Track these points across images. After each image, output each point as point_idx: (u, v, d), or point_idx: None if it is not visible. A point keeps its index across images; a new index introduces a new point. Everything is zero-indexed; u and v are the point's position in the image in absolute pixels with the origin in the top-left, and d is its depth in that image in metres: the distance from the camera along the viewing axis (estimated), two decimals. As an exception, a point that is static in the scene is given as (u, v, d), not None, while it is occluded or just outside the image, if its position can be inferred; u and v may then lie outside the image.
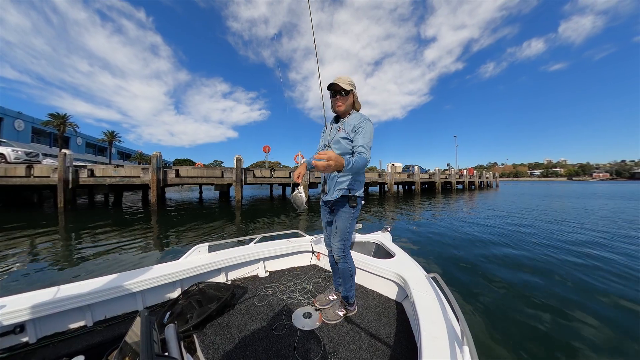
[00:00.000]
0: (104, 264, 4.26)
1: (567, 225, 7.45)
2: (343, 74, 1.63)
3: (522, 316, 2.56)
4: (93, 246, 5.40)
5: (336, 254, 1.70)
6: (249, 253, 2.31)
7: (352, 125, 1.58)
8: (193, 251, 2.15)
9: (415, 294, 1.52)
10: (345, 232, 1.64)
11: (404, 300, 1.87)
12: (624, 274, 3.64)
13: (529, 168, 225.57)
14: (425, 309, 1.35)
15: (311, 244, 2.64)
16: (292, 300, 1.92)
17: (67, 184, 11.28)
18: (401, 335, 1.52)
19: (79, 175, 11.72)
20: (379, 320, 1.67)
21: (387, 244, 2.45)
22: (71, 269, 4.09)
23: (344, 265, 1.70)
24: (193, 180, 13.43)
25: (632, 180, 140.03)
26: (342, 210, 1.64)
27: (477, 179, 41.16)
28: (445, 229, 7.01)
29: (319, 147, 1.86)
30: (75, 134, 33.28)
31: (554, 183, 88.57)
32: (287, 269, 2.53)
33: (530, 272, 3.70)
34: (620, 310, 2.69)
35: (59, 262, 4.43)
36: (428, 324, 1.22)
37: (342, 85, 1.56)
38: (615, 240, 5.62)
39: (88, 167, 12.01)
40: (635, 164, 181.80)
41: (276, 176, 15.42)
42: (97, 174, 12.01)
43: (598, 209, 11.34)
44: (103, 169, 12.16)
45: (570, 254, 4.58)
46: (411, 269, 1.90)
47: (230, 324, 1.61)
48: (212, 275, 2.15)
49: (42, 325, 1.44)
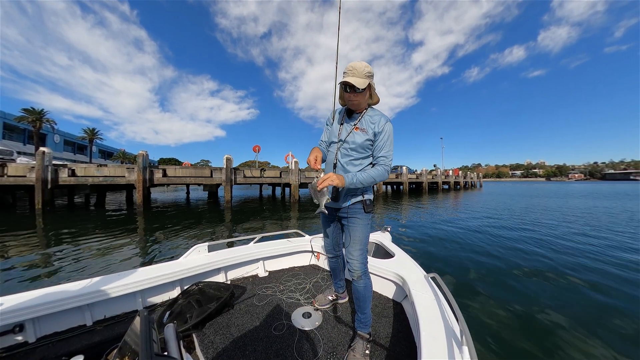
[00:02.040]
0: (91, 269, 4.12)
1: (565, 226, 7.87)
2: (357, 62, 1.32)
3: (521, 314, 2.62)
4: (77, 250, 5.21)
5: (356, 270, 1.43)
6: (248, 253, 2.31)
7: (372, 126, 1.39)
8: (192, 251, 2.14)
9: (414, 294, 1.52)
10: (365, 242, 1.46)
11: (403, 300, 1.87)
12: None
13: (511, 169, 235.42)
14: (424, 309, 1.36)
15: (311, 243, 2.63)
16: (292, 300, 1.92)
17: (45, 184, 10.76)
18: (401, 335, 1.52)
19: (59, 174, 11.21)
20: (379, 320, 1.67)
21: (387, 244, 2.45)
22: (55, 276, 3.93)
23: (366, 283, 1.46)
24: (181, 180, 13.12)
25: (603, 180, 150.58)
26: (358, 218, 1.45)
27: (462, 180, 42.64)
28: (434, 229, 7.25)
29: (322, 143, 1.65)
30: (52, 131, 31.59)
31: (534, 183, 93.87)
32: (287, 269, 2.52)
33: (525, 275, 3.78)
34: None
35: (40, 267, 4.24)
36: (427, 324, 1.23)
37: (355, 84, 1.29)
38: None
39: (69, 166, 11.50)
40: (605, 165, 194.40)
41: (266, 176, 15.33)
42: (78, 174, 11.52)
43: (589, 210, 12.02)
44: (85, 168, 11.67)
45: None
46: (411, 269, 1.90)
47: (230, 324, 1.61)
48: (212, 275, 2.15)
49: (41, 325, 1.43)
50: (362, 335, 1.42)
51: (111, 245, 5.52)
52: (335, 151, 1.48)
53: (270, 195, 23.51)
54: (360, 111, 1.46)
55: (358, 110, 1.46)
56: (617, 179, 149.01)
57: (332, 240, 1.69)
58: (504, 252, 4.82)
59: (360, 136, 1.40)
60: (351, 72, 1.32)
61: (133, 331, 0.67)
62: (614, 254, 4.66)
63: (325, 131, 1.65)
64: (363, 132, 1.40)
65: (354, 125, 1.43)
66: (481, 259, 4.43)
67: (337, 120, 1.55)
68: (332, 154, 1.50)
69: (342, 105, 1.58)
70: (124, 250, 5.16)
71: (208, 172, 13.50)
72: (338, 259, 1.79)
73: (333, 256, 1.76)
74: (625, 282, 3.38)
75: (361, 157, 1.43)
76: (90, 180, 11.61)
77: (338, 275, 1.86)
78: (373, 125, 1.39)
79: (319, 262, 2.63)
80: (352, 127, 1.44)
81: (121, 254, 4.85)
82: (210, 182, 13.69)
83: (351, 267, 1.46)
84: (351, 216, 1.46)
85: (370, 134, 1.39)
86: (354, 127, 1.43)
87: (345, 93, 1.39)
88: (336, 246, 1.72)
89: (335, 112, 1.60)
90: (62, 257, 4.70)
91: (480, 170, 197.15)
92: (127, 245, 5.55)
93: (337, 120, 1.55)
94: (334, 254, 1.75)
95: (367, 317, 1.45)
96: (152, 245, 5.61)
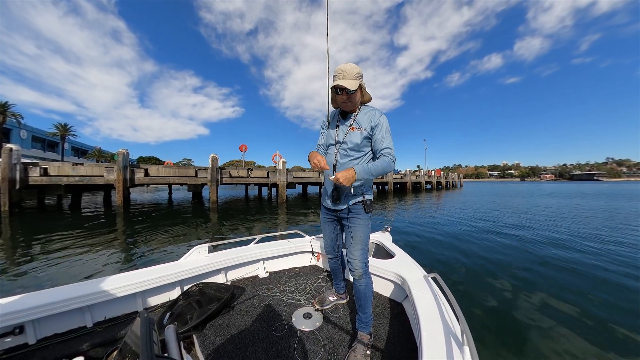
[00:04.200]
0: (67, 276, 3.92)
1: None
2: (345, 64, 1.36)
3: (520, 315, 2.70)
4: (53, 256, 4.92)
5: (357, 270, 1.44)
6: (248, 253, 2.31)
7: (367, 122, 1.42)
8: (193, 251, 2.13)
9: (415, 294, 1.52)
10: (366, 242, 1.47)
11: (404, 300, 1.86)
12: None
13: (489, 169, 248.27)
14: (425, 309, 1.35)
15: (311, 244, 2.62)
16: (292, 300, 1.92)
17: (13, 184, 10.02)
18: (401, 335, 1.52)
19: (29, 174, 10.47)
20: (379, 320, 1.67)
21: (387, 244, 2.45)
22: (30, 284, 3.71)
23: (367, 282, 1.47)
24: (164, 180, 12.68)
25: (571, 180, 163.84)
26: (359, 218, 1.46)
27: (444, 180, 44.36)
28: (418, 227, 7.54)
29: (319, 146, 1.66)
30: (18, 126, 29.34)
31: (510, 183, 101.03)
32: (287, 270, 2.52)
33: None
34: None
35: (9, 273, 3.98)
36: (428, 324, 1.22)
37: (347, 87, 1.32)
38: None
39: (40, 164, 10.78)
40: (573, 167, 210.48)
41: (253, 176, 15.17)
42: (52, 173, 10.83)
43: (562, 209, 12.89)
44: (59, 167, 10.98)
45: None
46: (411, 269, 1.90)
47: (230, 325, 1.60)
48: (212, 276, 2.15)
49: (41, 326, 1.43)
50: (363, 336, 1.42)
51: (91, 249, 5.27)
52: (334, 153, 1.50)
53: (256, 196, 23.22)
54: (354, 111, 1.49)
55: (352, 110, 1.49)
56: (583, 179, 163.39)
57: (332, 241, 1.70)
58: (478, 243, 5.16)
59: (357, 135, 1.42)
60: (341, 75, 1.35)
61: (133, 332, 0.67)
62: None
63: (322, 135, 1.66)
64: (359, 130, 1.42)
65: (349, 126, 1.46)
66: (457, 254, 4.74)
67: (333, 123, 1.57)
68: (330, 156, 1.52)
69: (335, 108, 1.62)
70: (105, 255, 4.92)
71: (193, 172, 13.15)
72: (338, 259, 1.80)
73: (333, 257, 1.77)
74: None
75: (360, 155, 1.45)
76: (65, 180, 10.94)
77: (338, 276, 1.87)
78: (368, 120, 1.42)
79: (319, 263, 2.63)
80: (348, 128, 1.46)
81: (103, 259, 4.63)
82: (195, 182, 13.35)
83: (352, 267, 1.47)
84: (352, 216, 1.47)
85: (366, 129, 1.41)
86: (350, 128, 1.45)
87: (337, 96, 1.42)
88: (336, 247, 1.73)
89: (329, 116, 1.63)
90: (36, 266, 4.32)
91: (460, 171, 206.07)
92: (108, 249, 5.30)
93: (332, 123, 1.58)
94: (334, 255, 1.76)
95: (368, 317, 1.46)
96: (136, 250, 5.40)
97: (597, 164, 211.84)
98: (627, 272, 3.78)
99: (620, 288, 3.26)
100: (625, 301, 2.92)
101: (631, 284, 3.36)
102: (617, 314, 2.65)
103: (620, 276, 3.64)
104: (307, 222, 8.96)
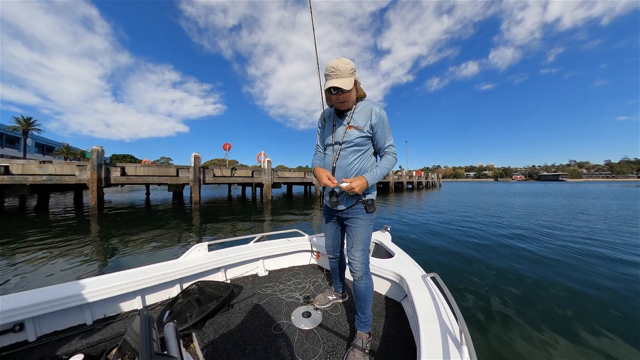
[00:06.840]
0: (34, 285, 3.66)
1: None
2: (337, 60, 1.27)
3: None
4: (16, 264, 4.53)
5: (357, 271, 1.42)
6: (248, 252, 2.31)
7: (366, 118, 1.37)
8: (192, 250, 2.13)
9: (414, 293, 1.51)
10: (367, 243, 1.44)
11: (403, 299, 1.86)
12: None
13: (465, 170, 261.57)
14: (424, 309, 1.35)
15: (310, 243, 2.62)
16: (292, 299, 1.92)
17: (-31, 183, 9.13)
18: (400, 334, 1.52)
19: (-12, 172, 9.58)
20: (378, 319, 1.67)
21: (387, 244, 2.46)
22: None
23: (367, 283, 1.44)
24: (143, 179, 12.06)
25: (539, 181, 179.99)
26: (360, 219, 1.42)
27: (425, 180, 46.22)
28: (403, 223, 7.83)
29: (318, 147, 1.63)
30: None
31: (485, 183, 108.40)
32: (287, 268, 2.53)
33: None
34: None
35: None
36: (427, 323, 1.23)
37: (342, 86, 1.25)
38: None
39: (0, 162, 9.88)
40: (541, 168, 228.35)
41: (237, 175, 14.87)
42: (14, 172, 9.94)
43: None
44: (23, 165, 10.11)
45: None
46: (410, 268, 1.90)
47: (230, 323, 1.61)
48: (212, 274, 2.14)
49: (41, 324, 1.44)
50: (362, 335, 1.41)
51: (62, 253, 4.92)
52: (332, 153, 1.47)
53: (240, 196, 22.78)
54: (350, 108, 1.42)
55: (347, 108, 1.42)
56: (549, 180, 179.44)
57: (333, 241, 1.69)
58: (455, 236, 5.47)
59: (355, 134, 1.38)
60: (335, 74, 1.26)
61: (133, 330, 0.67)
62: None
63: (319, 135, 1.62)
64: (357, 129, 1.37)
65: (347, 125, 1.40)
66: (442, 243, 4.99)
67: (329, 122, 1.52)
68: (329, 157, 1.49)
69: (330, 107, 1.55)
70: (77, 262, 4.54)
71: (174, 171, 12.65)
72: (338, 259, 1.79)
73: (333, 257, 1.76)
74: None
75: (360, 153, 1.42)
76: (31, 180, 10.08)
77: (338, 275, 1.87)
78: (366, 117, 1.37)
79: (319, 262, 2.64)
80: (345, 127, 1.41)
81: (76, 267, 4.26)
82: (177, 181, 12.85)
83: (353, 268, 1.44)
84: (352, 217, 1.44)
85: (365, 127, 1.37)
86: (347, 127, 1.40)
87: (332, 95, 1.33)
88: (336, 247, 1.72)
89: (324, 115, 1.57)
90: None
91: (440, 172, 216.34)
92: (82, 256, 4.86)
93: (328, 123, 1.53)
94: (334, 255, 1.75)
95: (367, 317, 1.44)
96: (114, 254, 5.05)
97: (562, 166, 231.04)
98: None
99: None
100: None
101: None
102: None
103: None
104: (296, 221, 8.96)
